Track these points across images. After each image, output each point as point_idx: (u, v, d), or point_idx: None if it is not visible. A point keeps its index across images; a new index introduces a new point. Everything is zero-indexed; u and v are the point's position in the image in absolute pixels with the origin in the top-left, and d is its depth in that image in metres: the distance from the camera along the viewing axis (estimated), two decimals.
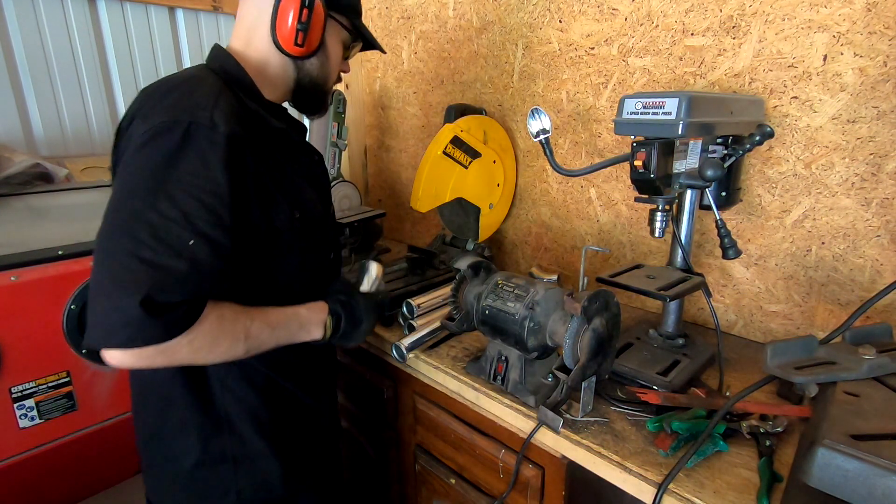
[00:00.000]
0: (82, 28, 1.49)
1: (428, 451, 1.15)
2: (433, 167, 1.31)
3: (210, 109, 0.68)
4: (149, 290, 0.61)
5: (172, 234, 0.64)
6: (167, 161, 0.65)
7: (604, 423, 0.84)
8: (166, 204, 0.64)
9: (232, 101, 0.73)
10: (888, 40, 0.90)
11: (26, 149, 1.43)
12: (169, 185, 0.65)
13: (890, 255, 0.96)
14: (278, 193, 0.77)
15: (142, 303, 0.60)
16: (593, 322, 0.79)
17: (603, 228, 1.39)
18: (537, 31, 1.40)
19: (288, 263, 0.82)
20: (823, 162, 1.00)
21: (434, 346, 1.11)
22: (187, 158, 0.66)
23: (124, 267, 0.62)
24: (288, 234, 0.79)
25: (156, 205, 0.64)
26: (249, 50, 0.85)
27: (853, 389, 0.69)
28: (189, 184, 0.65)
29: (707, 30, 1.10)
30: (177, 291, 0.63)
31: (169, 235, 0.63)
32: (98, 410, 1.19)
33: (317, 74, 0.89)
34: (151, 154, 0.66)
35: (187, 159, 0.66)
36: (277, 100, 0.89)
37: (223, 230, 0.67)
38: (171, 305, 0.63)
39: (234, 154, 0.69)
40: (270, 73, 0.86)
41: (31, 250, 1.09)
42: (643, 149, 0.81)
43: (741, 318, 1.18)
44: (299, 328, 0.82)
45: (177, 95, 0.71)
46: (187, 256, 0.64)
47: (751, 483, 0.71)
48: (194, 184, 0.65)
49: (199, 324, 0.67)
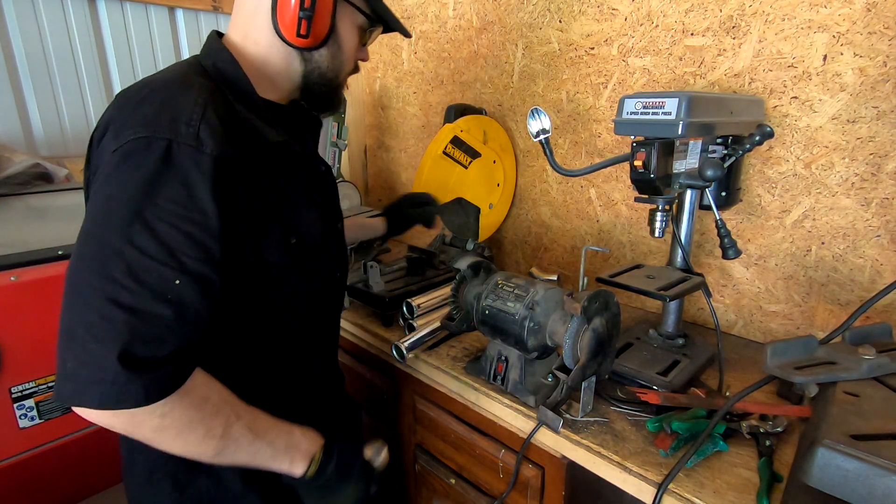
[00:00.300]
0: (82, 28, 1.49)
1: (428, 451, 1.15)
2: (433, 167, 1.31)
3: (196, 124, 0.58)
4: (128, 342, 0.53)
5: (153, 273, 0.55)
6: (145, 186, 0.55)
7: (604, 423, 0.84)
8: (145, 237, 0.55)
9: (222, 112, 0.63)
10: (888, 40, 0.90)
11: (26, 149, 1.43)
12: (148, 216, 0.55)
13: (890, 255, 0.96)
14: (271, 220, 0.67)
15: (120, 357, 0.52)
16: (593, 322, 0.79)
17: (603, 228, 1.39)
18: (537, 31, 1.40)
19: (280, 295, 0.73)
20: (823, 162, 1.01)
21: (434, 346, 1.11)
22: (169, 184, 0.56)
23: (98, 312, 0.53)
24: (280, 266, 0.70)
25: (133, 239, 0.55)
26: (248, 42, 0.74)
27: (853, 389, 0.69)
28: (172, 213, 0.56)
29: (707, 30, 1.10)
30: (161, 343, 0.55)
31: (149, 275, 0.55)
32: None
33: (327, 67, 0.78)
34: (126, 177, 0.56)
35: (169, 185, 0.56)
36: (281, 99, 0.79)
37: (213, 266, 0.58)
38: (154, 361, 0.54)
39: (223, 179, 0.59)
40: (272, 68, 0.75)
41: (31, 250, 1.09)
42: (643, 149, 0.81)
43: (741, 318, 1.18)
44: (284, 450, 0.68)
45: (157, 104, 0.60)
46: (173, 299, 0.55)
47: (751, 483, 0.71)
48: (178, 213, 0.56)
49: (180, 397, 0.57)
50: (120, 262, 0.54)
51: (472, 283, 0.98)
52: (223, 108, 0.64)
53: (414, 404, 1.15)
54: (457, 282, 0.99)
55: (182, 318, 0.56)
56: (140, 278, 0.54)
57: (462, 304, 0.98)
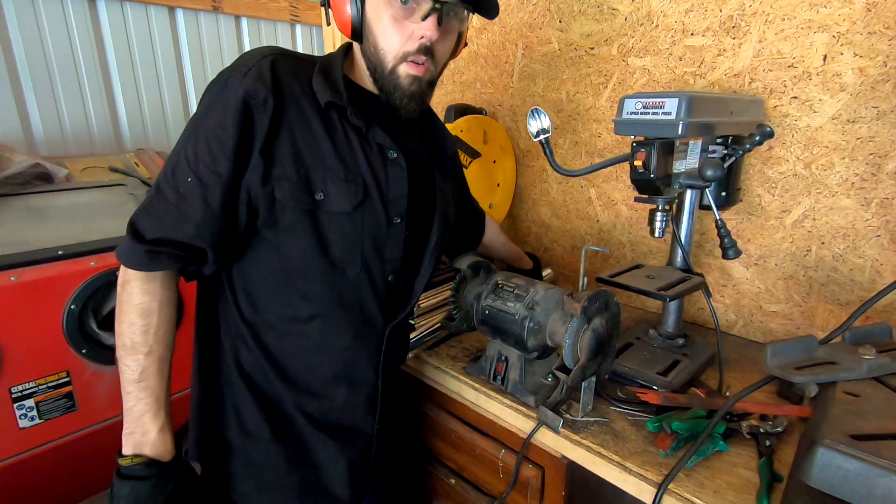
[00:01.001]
0: (82, 28, 1.49)
1: (428, 450, 1.15)
2: None
3: (249, 69, 0.70)
4: (136, 214, 0.69)
5: (181, 169, 0.69)
6: (205, 108, 0.70)
7: (604, 423, 0.84)
8: (191, 144, 0.69)
9: (287, 71, 0.72)
10: (888, 40, 0.90)
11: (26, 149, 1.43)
12: (199, 129, 0.69)
13: (890, 255, 0.96)
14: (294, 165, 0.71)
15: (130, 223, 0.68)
16: (593, 322, 0.79)
17: (603, 228, 1.39)
18: (537, 31, 1.40)
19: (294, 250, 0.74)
20: (823, 162, 1.00)
21: (434, 346, 1.11)
22: (217, 105, 0.69)
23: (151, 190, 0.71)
24: (294, 212, 0.72)
25: (186, 145, 0.69)
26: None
27: (853, 389, 0.69)
28: (210, 130, 0.68)
29: (707, 30, 1.10)
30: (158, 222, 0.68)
31: (179, 170, 0.69)
32: (98, 410, 1.19)
33: (372, 52, 0.75)
34: (200, 102, 0.72)
35: (217, 106, 0.69)
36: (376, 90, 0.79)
37: (217, 179, 0.68)
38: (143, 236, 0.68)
39: (249, 110, 0.69)
40: (359, 61, 0.80)
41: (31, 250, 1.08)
42: (643, 149, 0.81)
43: (741, 318, 1.18)
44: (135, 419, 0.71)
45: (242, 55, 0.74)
46: (182, 192, 0.68)
47: (751, 483, 0.71)
48: (213, 130, 0.68)
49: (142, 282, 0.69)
50: (175, 159, 0.70)
51: (473, 283, 0.98)
52: (293, 70, 0.73)
53: (414, 404, 1.15)
54: (457, 282, 0.99)
55: (181, 209, 0.68)
56: (174, 171, 0.69)
57: (462, 304, 0.98)
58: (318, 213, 0.74)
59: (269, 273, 0.76)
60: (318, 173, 0.73)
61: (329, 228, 0.75)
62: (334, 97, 0.73)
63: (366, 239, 0.77)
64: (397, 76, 0.75)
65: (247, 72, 0.69)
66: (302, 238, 0.74)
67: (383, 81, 0.76)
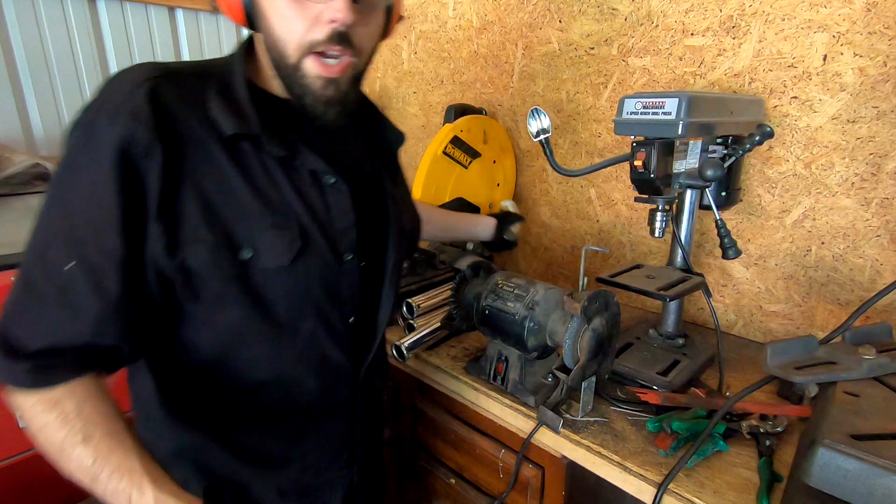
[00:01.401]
0: (82, 28, 1.49)
1: (428, 450, 1.15)
2: (433, 167, 1.31)
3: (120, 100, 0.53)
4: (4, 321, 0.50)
5: (55, 251, 0.51)
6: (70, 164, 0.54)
7: (604, 423, 0.84)
8: (62, 216, 0.52)
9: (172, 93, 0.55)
10: (888, 40, 0.90)
11: (26, 149, 1.43)
12: (68, 195, 0.52)
13: (890, 255, 0.96)
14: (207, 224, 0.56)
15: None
16: (593, 322, 0.79)
17: (603, 228, 1.39)
18: (537, 31, 1.40)
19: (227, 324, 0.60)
20: (823, 162, 1.01)
21: (434, 346, 1.11)
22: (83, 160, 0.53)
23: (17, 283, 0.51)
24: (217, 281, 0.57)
25: (54, 218, 0.52)
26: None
27: (853, 389, 0.69)
28: (82, 194, 0.52)
29: (707, 30, 1.10)
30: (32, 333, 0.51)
31: (52, 252, 0.51)
32: None
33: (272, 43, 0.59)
34: (62, 155, 0.54)
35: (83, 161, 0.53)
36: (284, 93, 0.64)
37: (107, 258, 0.51)
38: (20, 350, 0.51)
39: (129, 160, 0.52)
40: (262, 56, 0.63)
41: None
42: (643, 149, 0.81)
43: (741, 318, 1.18)
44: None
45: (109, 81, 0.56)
46: (63, 283, 0.50)
47: (751, 483, 0.71)
48: (87, 194, 0.52)
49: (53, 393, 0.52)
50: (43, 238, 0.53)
51: (473, 283, 0.98)
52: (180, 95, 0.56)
53: (414, 404, 1.15)
54: (457, 282, 0.99)
55: (67, 305, 0.51)
56: (46, 256, 0.51)
57: (462, 304, 0.98)
58: (249, 274, 0.59)
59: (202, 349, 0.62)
60: (240, 226, 0.57)
61: (267, 289, 0.60)
62: (240, 126, 0.57)
63: (315, 288, 0.64)
64: (304, 74, 0.59)
65: (116, 110, 0.52)
66: (235, 308, 0.59)
67: (290, 81, 0.60)
